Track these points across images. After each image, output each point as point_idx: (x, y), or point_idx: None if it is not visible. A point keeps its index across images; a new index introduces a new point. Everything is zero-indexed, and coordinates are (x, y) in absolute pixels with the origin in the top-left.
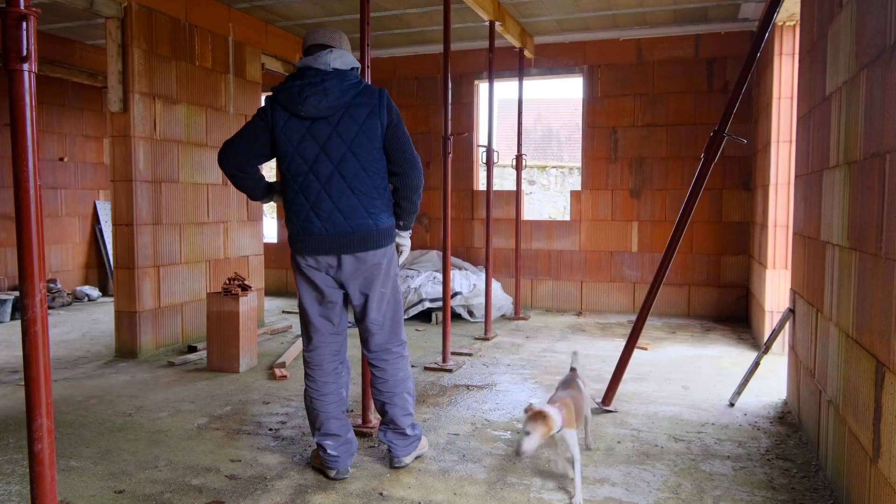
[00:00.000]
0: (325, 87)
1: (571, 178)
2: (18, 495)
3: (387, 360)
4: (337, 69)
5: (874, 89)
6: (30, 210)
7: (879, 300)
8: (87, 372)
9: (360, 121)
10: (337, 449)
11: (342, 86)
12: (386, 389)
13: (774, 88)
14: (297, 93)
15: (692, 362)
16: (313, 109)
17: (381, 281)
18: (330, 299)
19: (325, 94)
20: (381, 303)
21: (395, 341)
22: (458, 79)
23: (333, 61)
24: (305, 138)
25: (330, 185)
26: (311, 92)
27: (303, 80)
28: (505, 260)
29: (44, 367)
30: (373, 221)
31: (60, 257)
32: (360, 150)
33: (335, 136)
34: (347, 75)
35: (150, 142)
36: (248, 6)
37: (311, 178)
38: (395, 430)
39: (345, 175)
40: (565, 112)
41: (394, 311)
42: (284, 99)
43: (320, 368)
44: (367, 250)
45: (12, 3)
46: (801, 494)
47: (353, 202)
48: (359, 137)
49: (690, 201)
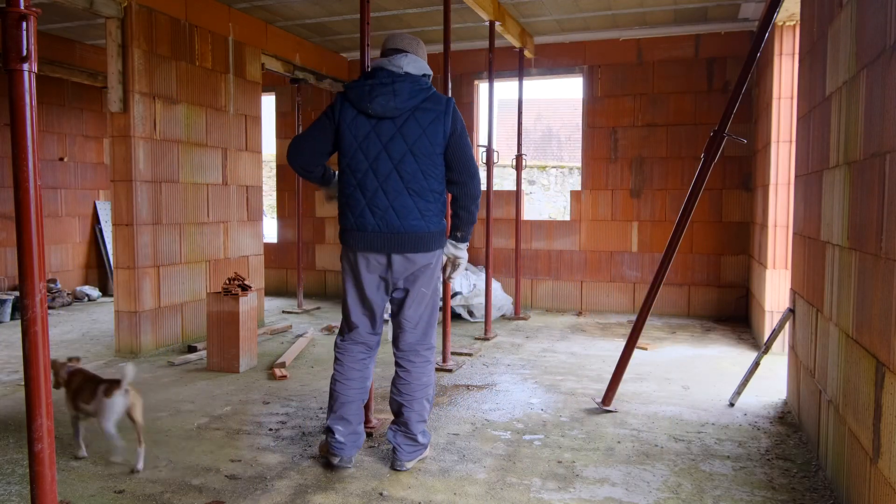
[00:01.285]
0: (395, 88)
1: (571, 178)
2: (18, 495)
3: (413, 363)
4: (408, 73)
5: (874, 89)
6: (30, 210)
7: (879, 300)
8: None
9: (425, 125)
10: (345, 436)
11: (411, 89)
12: (407, 392)
13: (774, 88)
14: (367, 91)
15: (692, 362)
16: (381, 108)
17: (425, 281)
18: (374, 301)
19: (394, 95)
20: (420, 303)
21: (425, 343)
22: (458, 79)
23: (406, 65)
24: (370, 136)
25: (387, 183)
26: (380, 91)
27: (374, 79)
28: (505, 260)
29: (44, 367)
30: (425, 223)
31: (60, 257)
32: (420, 153)
33: (398, 136)
34: (418, 80)
35: (150, 142)
36: (248, 6)
37: (370, 174)
38: (407, 435)
39: (403, 175)
40: (565, 112)
41: (430, 314)
42: (354, 96)
43: (350, 355)
44: (418, 251)
45: (12, 3)
46: (801, 494)
47: (408, 202)
48: (421, 140)
49: (690, 201)
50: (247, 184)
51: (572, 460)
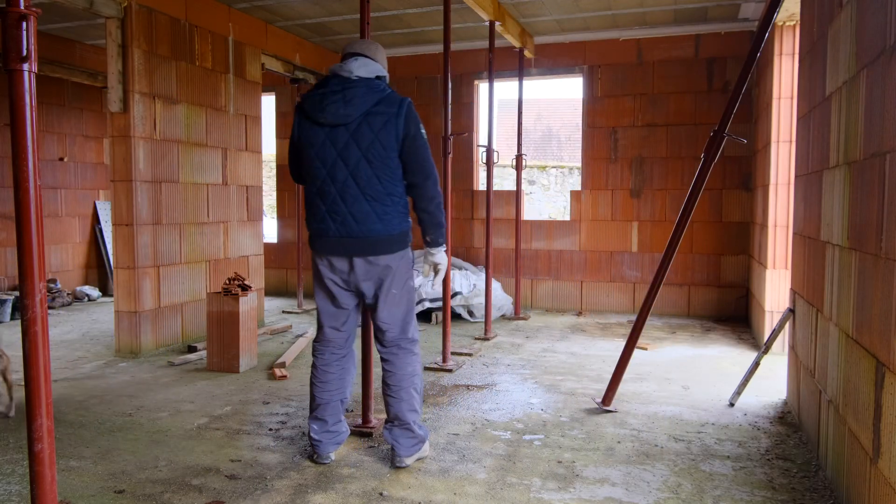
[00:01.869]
0: (346, 95)
1: (571, 178)
2: (18, 495)
3: (396, 355)
4: (360, 77)
5: (874, 89)
6: (30, 210)
7: (879, 300)
8: (87, 372)
9: (377, 129)
10: (320, 434)
11: (363, 94)
12: (393, 382)
13: (774, 88)
14: (318, 100)
15: (692, 362)
16: (332, 116)
17: (393, 283)
18: (341, 304)
19: (345, 102)
20: (393, 304)
21: (406, 338)
22: (458, 79)
23: (357, 69)
24: (325, 144)
25: (344, 190)
26: (331, 99)
27: (325, 87)
28: (505, 260)
29: (44, 367)
30: (383, 227)
31: (60, 257)
32: (374, 158)
33: (352, 142)
34: (371, 83)
35: (150, 142)
36: (248, 6)
37: (328, 182)
38: (401, 426)
39: (358, 181)
40: (565, 112)
41: (405, 312)
42: (309, 106)
43: (324, 358)
44: (378, 255)
45: (12, 3)
46: (801, 494)
47: (365, 208)
48: (374, 145)
49: (690, 201)
50: (247, 184)
51: (572, 460)
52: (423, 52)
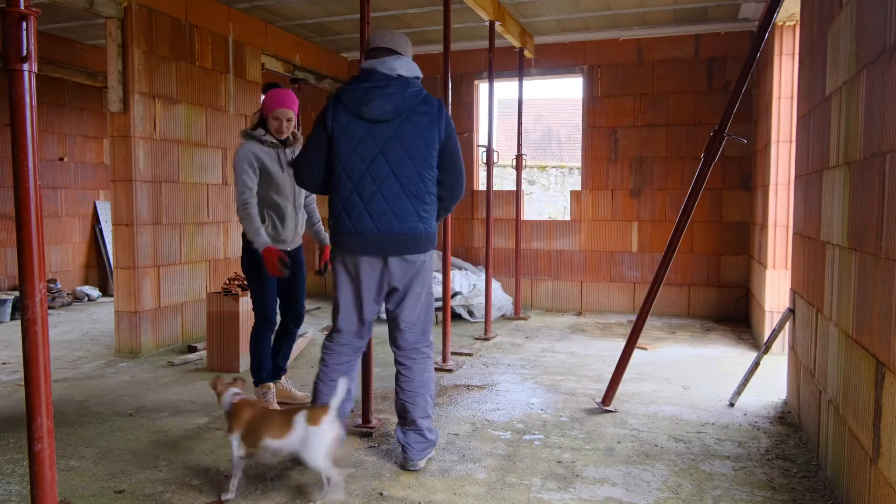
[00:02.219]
0: (390, 91)
1: (571, 178)
2: (18, 495)
3: (415, 360)
4: (401, 75)
5: (874, 89)
6: (30, 210)
7: (879, 300)
8: (87, 372)
9: (421, 127)
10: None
11: (406, 92)
12: (410, 389)
13: (774, 88)
14: (362, 94)
15: (692, 362)
16: (377, 112)
17: (420, 282)
18: (366, 305)
19: (390, 98)
20: (416, 303)
21: (424, 342)
22: (458, 79)
23: (400, 67)
24: (365, 139)
25: (385, 186)
26: (375, 95)
27: (368, 82)
28: (505, 260)
29: (44, 367)
30: (423, 225)
31: (60, 257)
32: (416, 156)
33: (394, 139)
34: (411, 83)
35: (150, 142)
36: (248, 6)
37: (367, 178)
38: (415, 430)
39: (400, 178)
40: (565, 112)
41: (426, 313)
42: (349, 100)
43: (336, 357)
44: (416, 253)
45: (12, 3)
46: (801, 494)
47: (406, 205)
48: (417, 143)
49: (690, 201)
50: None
51: (572, 460)
52: (423, 52)
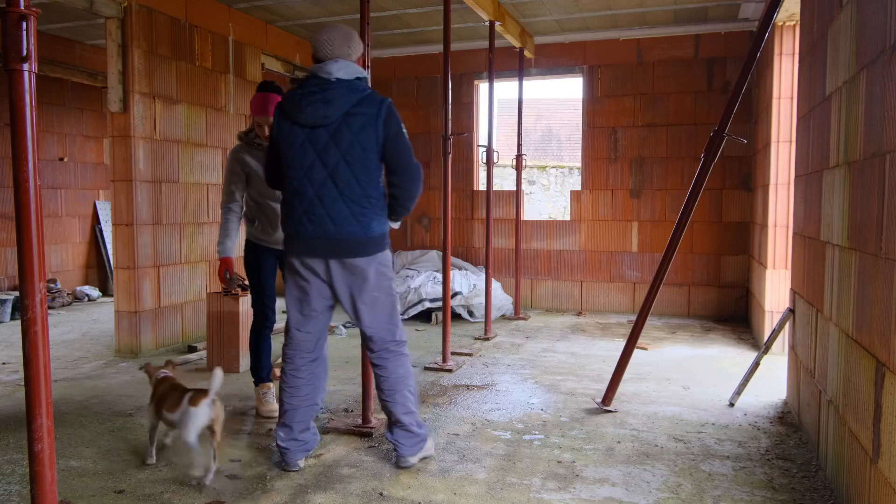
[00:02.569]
0: (325, 96)
1: (571, 178)
2: (18, 495)
3: (387, 359)
4: (340, 79)
5: (874, 89)
6: (30, 210)
7: (879, 300)
8: (87, 372)
9: (356, 130)
10: (286, 441)
11: (344, 95)
12: (387, 387)
13: (774, 88)
14: (297, 101)
15: (692, 362)
16: (311, 117)
17: (373, 286)
18: (312, 307)
19: (325, 104)
20: (374, 307)
21: (393, 341)
22: (458, 79)
23: (336, 72)
24: (304, 145)
25: (323, 191)
26: (310, 100)
27: (304, 88)
28: (505, 260)
29: (44, 367)
30: (361, 229)
31: (60, 257)
32: (353, 160)
33: (331, 144)
34: (352, 84)
35: (150, 142)
36: (248, 6)
37: (305, 183)
38: (402, 428)
39: (337, 183)
40: (565, 112)
41: (389, 314)
42: (288, 106)
43: (293, 364)
44: (355, 257)
45: (12, 3)
46: (801, 494)
47: (343, 210)
48: (353, 147)
49: (690, 201)
50: None
51: (572, 460)
52: (423, 52)
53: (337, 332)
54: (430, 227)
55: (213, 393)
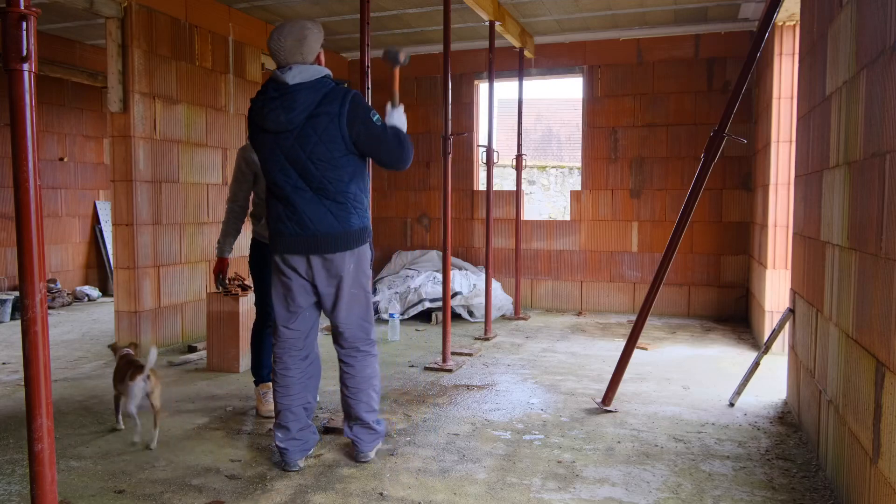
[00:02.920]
0: (284, 102)
1: (571, 178)
2: (18, 495)
3: (355, 357)
4: (299, 83)
5: (874, 89)
6: (30, 210)
7: (879, 300)
8: (87, 372)
9: (319, 131)
10: (284, 442)
11: (305, 97)
12: (353, 385)
13: (774, 88)
14: (260, 108)
15: (692, 362)
16: (274, 124)
17: (351, 283)
18: (297, 303)
19: (285, 109)
20: (352, 303)
21: (364, 340)
22: (458, 79)
23: (293, 78)
24: (273, 149)
25: (296, 192)
26: (271, 107)
27: (266, 94)
28: (505, 260)
29: (44, 367)
30: (339, 224)
31: (60, 257)
32: (319, 160)
33: (296, 147)
34: (313, 85)
35: (150, 142)
36: (248, 6)
37: (280, 185)
38: (362, 425)
39: (309, 183)
40: (565, 112)
41: (364, 312)
42: (253, 114)
43: (283, 363)
44: (335, 251)
45: (12, 3)
46: (801, 494)
47: (319, 209)
48: (318, 147)
49: (690, 201)
50: None
51: (572, 460)
52: (423, 52)
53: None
54: (430, 227)
55: (148, 369)
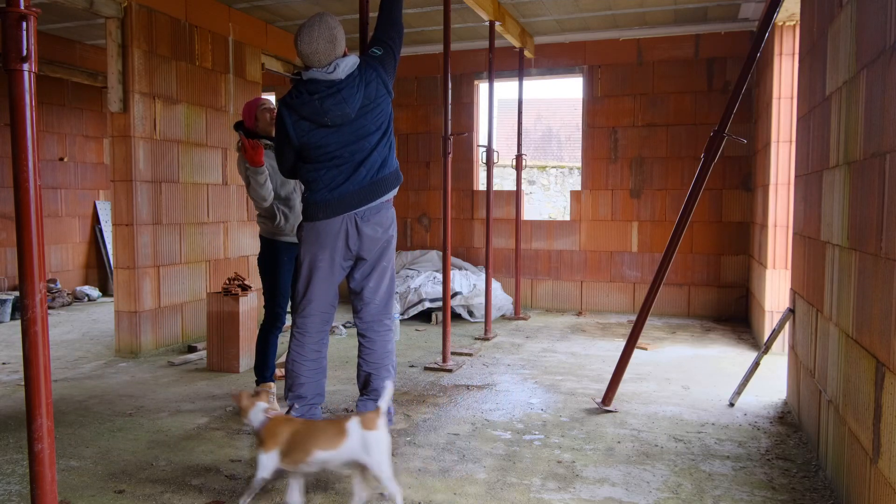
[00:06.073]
0: (343, 95)
1: (571, 178)
2: (18, 495)
3: (378, 332)
4: (347, 75)
5: (874, 89)
6: (30, 210)
7: (879, 300)
8: (87, 372)
9: (369, 110)
10: (300, 412)
11: (355, 87)
12: (373, 360)
13: (774, 88)
14: (318, 106)
15: (692, 362)
16: (339, 118)
17: (386, 256)
18: (334, 271)
19: (344, 102)
20: (382, 276)
21: (386, 314)
22: (458, 79)
23: (341, 74)
24: (328, 138)
25: (346, 167)
26: (331, 103)
27: (318, 93)
28: (505, 260)
29: (44, 367)
30: (378, 173)
31: (60, 257)
32: (366, 134)
33: (352, 130)
34: (351, 74)
35: (150, 142)
36: (248, 6)
37: (327, 166)
38: (378, 399)
39: (359, 158)
40: (565, 112)
41: (389, 286)
42: (308, 112)
43: (309, 335)
44: (385, 193)
45: (12, 3)
46: (801, 494)
47: (365, 179)
48: (368, 126)
49: (690, 201)
50: None
51: (572, 460)
52: (423, 52)
53: (337, 332)
54: (430, 227)
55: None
